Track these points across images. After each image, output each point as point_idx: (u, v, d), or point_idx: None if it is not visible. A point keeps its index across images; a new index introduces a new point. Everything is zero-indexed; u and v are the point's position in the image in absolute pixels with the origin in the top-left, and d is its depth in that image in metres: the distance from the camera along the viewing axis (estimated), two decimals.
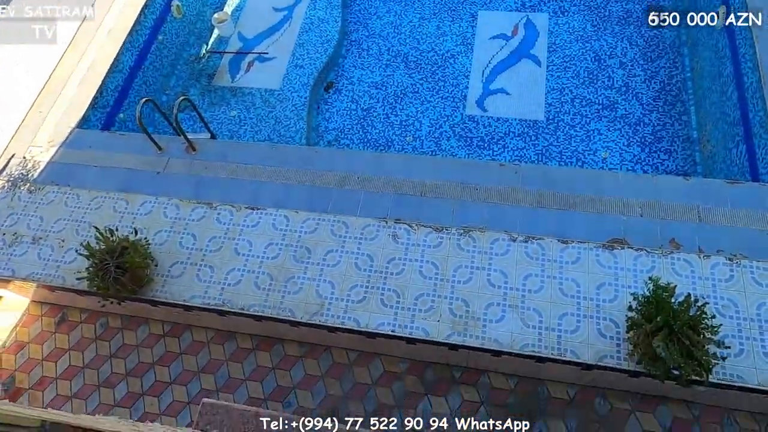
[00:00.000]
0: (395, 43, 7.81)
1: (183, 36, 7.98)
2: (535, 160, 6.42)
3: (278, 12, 8.19)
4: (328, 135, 7.04)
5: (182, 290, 4.59)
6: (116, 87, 6.58)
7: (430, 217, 4.67)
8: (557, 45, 7.34)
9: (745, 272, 4.07)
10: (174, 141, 5.53)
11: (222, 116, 7.24)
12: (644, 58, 7.06)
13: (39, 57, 6.52)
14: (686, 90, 6.71)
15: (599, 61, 7.11)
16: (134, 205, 5.13)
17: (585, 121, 6.63)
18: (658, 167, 6.20)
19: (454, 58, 7.47)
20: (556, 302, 4.13)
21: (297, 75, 7.41)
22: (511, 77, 7.13)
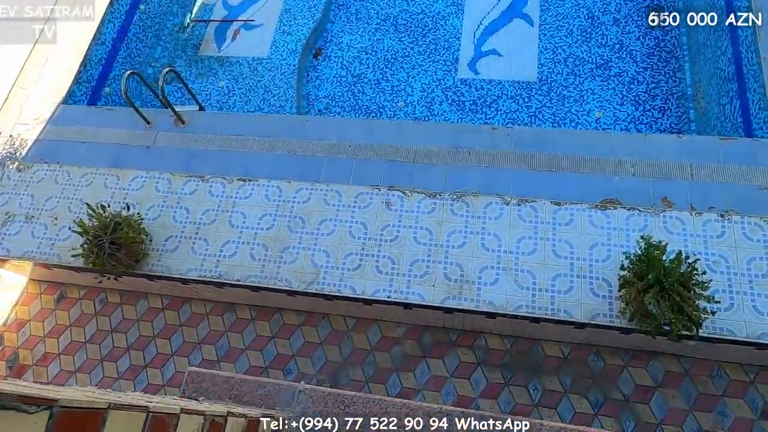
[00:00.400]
0: (384, 5, 7.61)
1: (166, 5, 7.76)
2: (528, 122, 6.36)
3: None
4: (318, 103, 6.94)
5: (178, 264, 4.61)
6: (99, 60, 6.44)
7: (423, 183, 4.66)
8: (550, 3, 7.17)
9: (736, 228, 4.10)
10: (162, 114, 5.45)
11: (210, 87, 7.12)
12: (638, 13, 6.91)
13: (17, 33, 6.35)
14: (681, 46, 6.59)
15: (592, 18, 6.96)
16: (125, 181, 5.10)
17: (578, 81, 6.53)
18: (652, 125, 6.15)
19: (445, 20, 7.30)
20: (549, 264, 4.17)
21: (285, 42, 7.25)
22: (504, 38, 6.99)
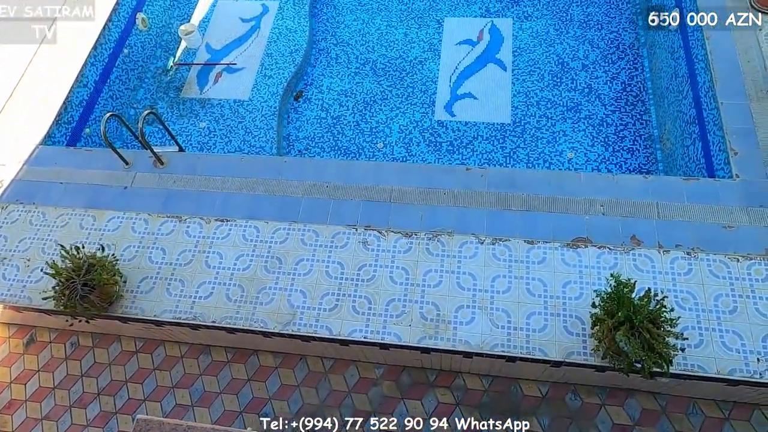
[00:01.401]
0: (363, 50, 7.88)
1: (149, 49, 7.92)
2: (503, 162, 6.54)
3: (246, 23, 8.19)
4: (298, 144, 7.06)
5: (153, 305, 4.55)
6: (81, 102, 6.50)
7: (399, 223, 4.72)
8: (522, 49, 7.50)
9: (702, 265, 4.22)
10: (141, 155, 5.49)
11: (191, 128, 7.20)
12: (605, 60, 7.26)
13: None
14: (646, 90, 6.92)
15: (562, 64, 7.28)
16: (101, 221, 5.07)
17: (550, 123, 6.78)
18: (622, 165, 6.37)
19: (422, 64, 7.57)
20: (524, 302, 4.21)
21: (266, 85, 7.42)
22: (478, 82, 7.26)
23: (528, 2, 7.98)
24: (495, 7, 8.02)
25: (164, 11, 8.27)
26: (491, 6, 8.04)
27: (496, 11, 7.98)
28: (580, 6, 7.84)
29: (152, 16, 7.92)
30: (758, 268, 4.19)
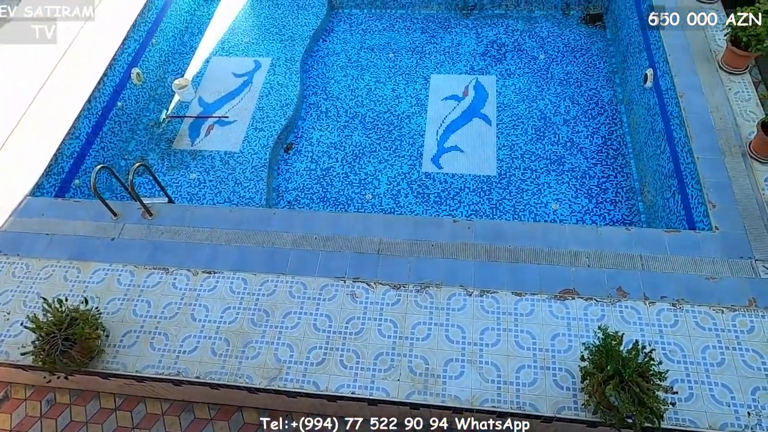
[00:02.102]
0: (353, 105, 8.12)
1: (143, 102, 8.09)
2: (489, 213, 6.65)
3: (239, 77, 8.44)
4: (288, 195, 7.13)
5: (135, 360, 4.44)
6: (72, 153, 6.56)
7: (387, 275, 4.73)
8: (505, 105, 7.79)
9: (688, 317, 4.26)
10: (130, 206, 5.50)
11: (181, 179, 7.26)
12: (586, 115, 7.55)
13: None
14: (626, 144, 7.17)
15: (545, 119, 7.56)
16: (86, 274, 5.01)
17: (535, 175, 6.95)
18: (605, 217, 6.51)
19: (410, 119, 7.80)
20: (513, 355, 4.19)
21: (257, 137, 7.57)
22: (464, 135, 7.48)
23: (510, 61, 8.36)
24: (479, 65, 8.38)
25: (159, 66, 8.51)
26: (475, 64, 8.40)
27: (480, 69, 8.33)
28: (559, 65, 8.23)
29: (147, 71, 8.13)
30: (743, 320, 4.23)
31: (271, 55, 8.68)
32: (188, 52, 9.00)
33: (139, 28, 7.91)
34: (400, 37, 9.02)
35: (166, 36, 8.72)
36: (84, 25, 7.62)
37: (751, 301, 4.32)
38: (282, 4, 9.54)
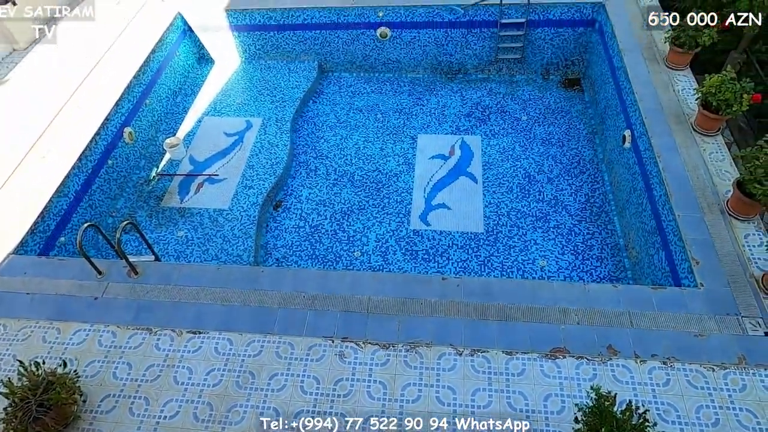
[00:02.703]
0: (342, 163, 8.28)
1: (133, 160, 8.17)
2: (478, 270, 6.67)
3: (230, 137, 8.61)
4: (276, 252, 7.11)
5: (112, 427, 4.24)
6: (59, 211, 6.53)
7: (376, 334, 4.66)
8: (491, 163, 8.00)
9: (679, 375, 4.22)
10: (115, 265, 5.43)
11: (169, 237, 7.22)
12: (569, 174, 7.77)
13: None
14: (608, 202, 7.35)
15: (529, 177, 7.75)
16: (66, 334, 4.87)
17: (522, 232, 7.05)
18: (592, 273, 6.56)
19: (398, 177, 7.95)
20: (506, 417, 4.08)
21: (246, 195, 7.63)
22: (451, 193, 7.62)
23: (494, 122, 8.67)
24: (464, 125, 8.67)
25: (151, 125, 8.68)
26: (461, 124, 8.69)
27: (466, 129, 8.61)
28: (541, 125, 8.54)
29: (139, 130, 8.28)
30: (734, 378, 4.21)
31: (262, 115, 8.92)
32: (181, 112, 9.21)
33: (134, 90, 8.12)
34: (387, 99, 9.35)
35: (160, 97, 8.95)
36: (81, 84, 7.81)
37: (741, 358, 4.31)
38: (274, 67, 9.90)
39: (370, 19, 9.14)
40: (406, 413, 4.15)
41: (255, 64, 10.04)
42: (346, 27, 9.30)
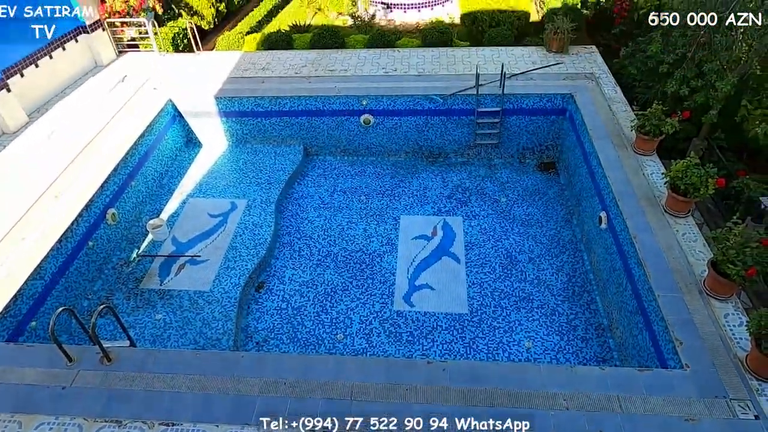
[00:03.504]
0: (325, 244, 8.32)
1: (115, 241, 8.11)
2: (463, 352, 6.55)
3: (214, 218, 8.66)
4: (257, 335, 6.92)
5: None
6: (33, 294, 6.34)
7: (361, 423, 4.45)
8: (473, 244, 8.12)
9: None
10: (88, 351, 5.21)
11: (146, 320, 7.01)
12: (549, 254, 7.90)
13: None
14: (590, 281, 7.43)
15: (511, 257, 7.86)
16: (28, 429, 4.54)
17: (506, 312, 7.02)
18: (578, 354, 6.48)
19: (381, 258, 7.99)
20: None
21: (228, 276, 7.54)
22: (434, 274, 7.64)
23: (475, 203, 8.92)
24: (446, 207, 8.89)
25: (135, 206, 8.71)
26: (442, 206, 8.91)
27: (447, 210, 8.82)
28: (520, 207, 8.80)
29: (123, 211, 8.29)
30: None
31: (247, 197, 9.05)
32: (166, 194, 9.30)
33: (121, 172, 8.24)
34: (371, 181, 9.61)
35: (146, 179, 9.06)
36: (66, 167, 7.90)
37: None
38: (260, 150, 10.20)
39: (354, 107, 9.62)
40: None
41: (242, 148, 10.34)
42: (331, 114, 9.75)
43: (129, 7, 11.04)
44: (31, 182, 7.62)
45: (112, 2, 10.88)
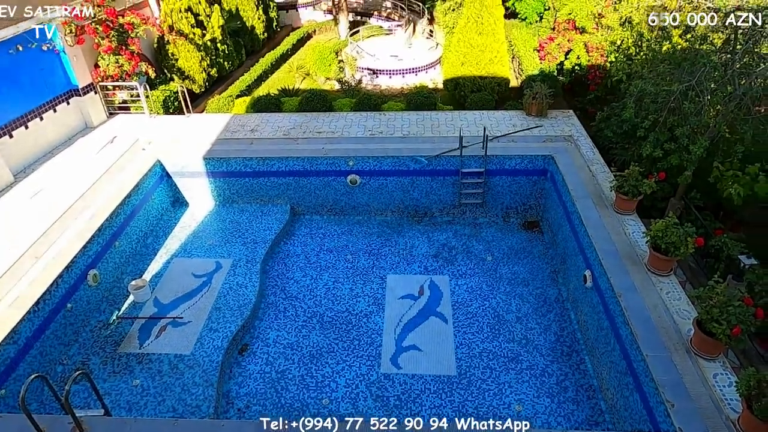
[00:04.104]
0: (311, 304, 8.21)
1: (94, 303, 7.91)
2: (453, 417, 6.34)
3: (198, 278, 8.54)
4: (239, 401, 6.66)
5: None
6: (5, 359, 6.09)
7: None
8: (460, 303, 8.08)
9: None
10: (59, 421, 4.96)
11: (123, 386, 6.73)
12: (536, 312, 7.88)
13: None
14: (578, 341, 7.38)
15: (498, 316, 7.81)
16: None
17: (495, 374, 6.89)
18: (570, 418, 6.33)
19: (368, 318, 7.88)
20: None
21: (211, 339, 7.34)
22: (422, 334, 7.53)
23: (461, 262, 8.95)
24: (432, 265, 8.90)
25: (117, 267, 8.58)
26: (429, 265, 8.92)
27: (434, 269, 8.82)
28: (506, 265, 8.85)
29: (104, 272, 8.15)
30: None
31: (232, 256, 8.98)
32: (150, 254, 9.20)
33: (105, 232, 8.17)
34: (357, 240, 9.64)
35: (130, 239, 8.99)
36: (49, 228, 7.82)
37: None
38: (247, 210, 10.24)
39: (341, 168, 9.80)
40: None
41: (229, 208, 10.38)
42: (319, 174, 9.91)
43: (122, 72, 11.36)
44: (12, 243, 7.51)
45: (105, 67, 11.19)
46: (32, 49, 9.68)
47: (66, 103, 10.65)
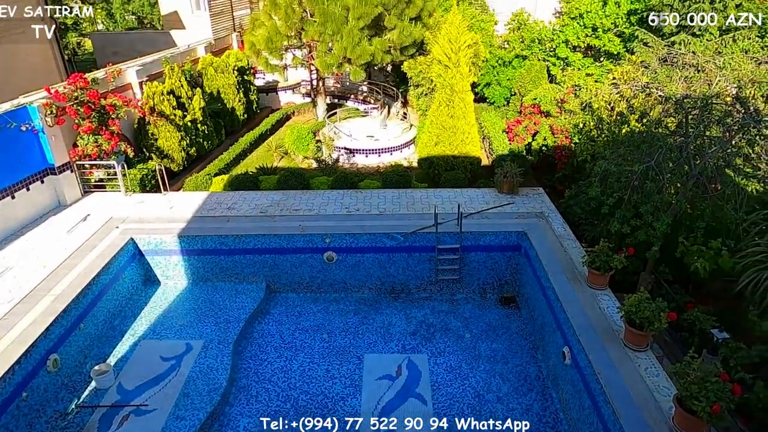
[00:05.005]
0: (285, 387, 7.86)
1: (52, 391, 7.42)
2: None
3: (166, 361, 8.15)
4: None
5: None
6: None
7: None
8: (439, 383, 7.86)
9: None
10: None
11: None
12: (517, 392, 7.70)
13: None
14: (560, 421, 7.18)
15: (479, 396, 7.60)
16: None
17: None
18: None
19: (344, 401, 7.57)
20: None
21: (177, 428, 6.89)
22: (401, 417, 7.23)
23: (439, 340, 8.81)
24: (410, 343, 8.73)
25: (81, 351, 8.15)
26: (407, 343, 8.75)
27: (412, 348, 8.64)
28: (485, 342, 8.74)
29: (66, 356, 7.72)
30: None
31: (204, 337, 8.67)
32: (116, 336, 8.80)
33: (70, 313, 7.84)
34: (334, 318, 9.46)
35: (96, 320, 8.63)
36: (11, 309, 7.48)
37: None
38: (221, 288, 10.03)
39: (318, 245, 9.81)
40: None
41: (202, 286, 10.15)
42: (295, 251, 9.88)
43: (101, 151, 11.46)
44: None
45: (84, 146, 11.30)
46: (10, 129, 9.76)
47: (40, 182, 10.59)
